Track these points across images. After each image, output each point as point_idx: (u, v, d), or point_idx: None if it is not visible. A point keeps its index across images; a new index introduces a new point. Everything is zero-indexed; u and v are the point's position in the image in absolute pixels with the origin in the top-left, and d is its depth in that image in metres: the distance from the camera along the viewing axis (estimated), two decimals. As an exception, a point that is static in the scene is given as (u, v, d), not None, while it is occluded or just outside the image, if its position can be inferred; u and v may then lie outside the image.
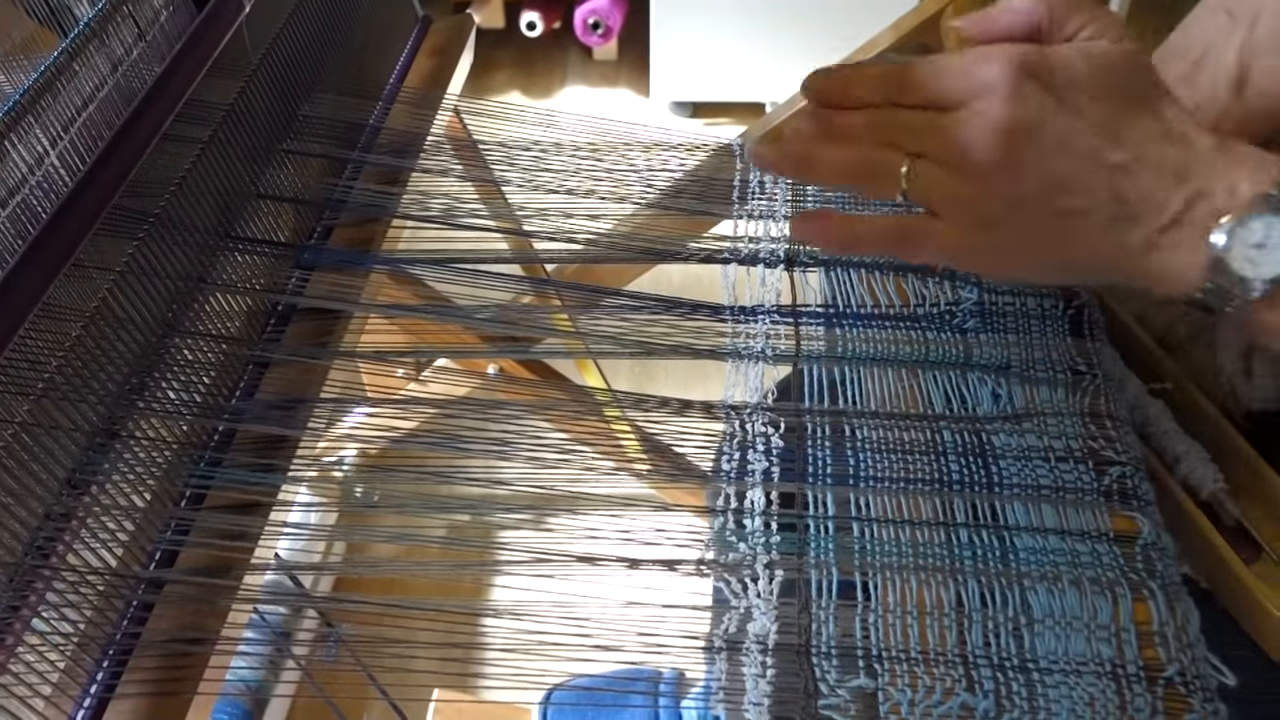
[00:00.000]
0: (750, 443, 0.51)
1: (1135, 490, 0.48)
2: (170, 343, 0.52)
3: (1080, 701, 0.41)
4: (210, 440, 0.51)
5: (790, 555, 0.46)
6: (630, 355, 0.57)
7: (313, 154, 0.65)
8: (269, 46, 0.64)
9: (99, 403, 0.48)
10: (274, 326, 0.58)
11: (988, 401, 0.52)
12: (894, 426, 0.51)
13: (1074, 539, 0.46)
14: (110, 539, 0.46)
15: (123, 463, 0.48)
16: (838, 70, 0.47)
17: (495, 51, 2.31)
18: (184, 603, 0.46)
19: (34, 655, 0.43)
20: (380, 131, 0.69)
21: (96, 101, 0.57)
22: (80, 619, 0.45)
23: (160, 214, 0.54)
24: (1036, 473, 0.49)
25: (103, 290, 0.50)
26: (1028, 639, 0.43)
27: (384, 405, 0.59)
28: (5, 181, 0.51)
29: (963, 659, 0.42)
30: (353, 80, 0.72)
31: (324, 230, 0.63)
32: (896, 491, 0.48)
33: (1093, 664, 0.42)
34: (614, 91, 2.28)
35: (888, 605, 0.44)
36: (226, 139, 0.59)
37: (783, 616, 0.44)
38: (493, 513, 0.51)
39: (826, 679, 0.42)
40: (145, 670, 0.45)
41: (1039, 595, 0.44)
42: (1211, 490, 0.54)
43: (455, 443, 0.52)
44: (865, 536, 0.47)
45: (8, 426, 0.44)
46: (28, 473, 0.44)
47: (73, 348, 0.47)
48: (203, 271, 0.56)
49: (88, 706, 0.44)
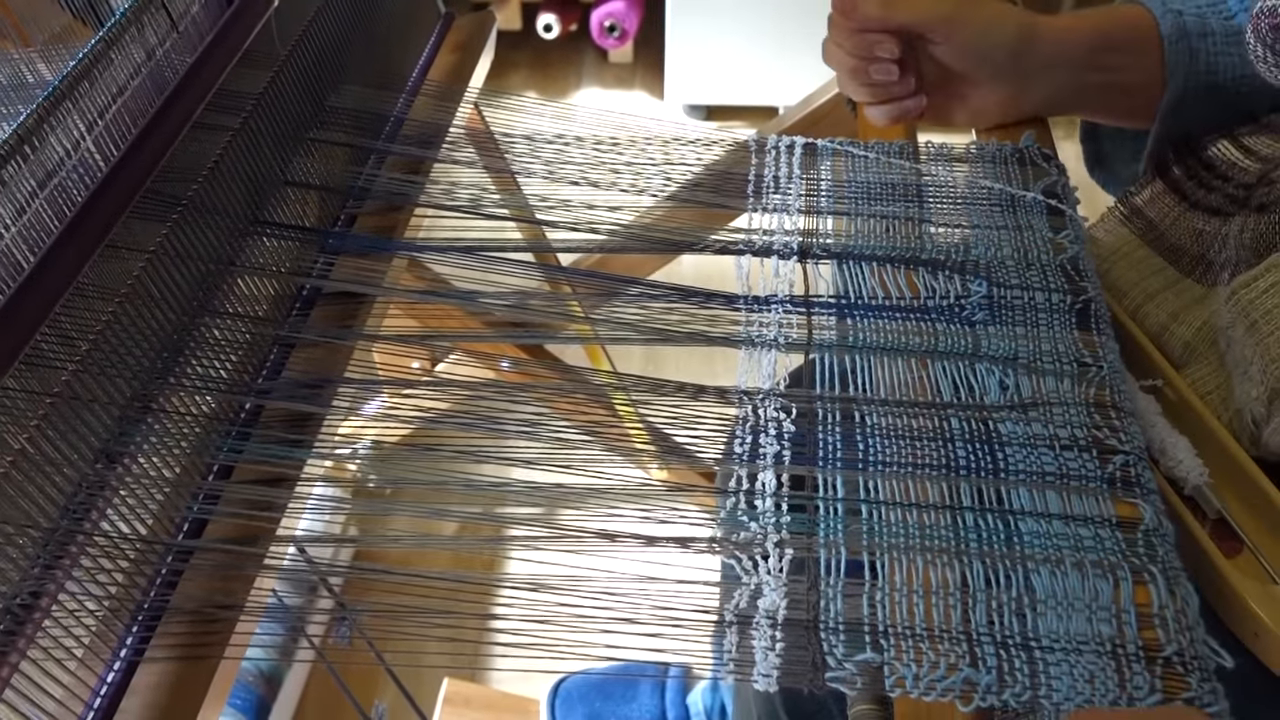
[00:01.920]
0: (763, 427, 0.52)
1: (1138, 478, 0.49)
2: (201, 322, 0.54)
3: (1080, 679, 0.42)
4: (239, 416, 0.52)
5: (800, 535, 0.47)
6: (647, 341, 0.58)
7: (338, 143, 0.66)
8: (297, 39, 0.65)
9: (134, 378, 0.49)
10: (300, 309, 0.59)
11: (995, 390, 0.53)
12: (903, 413, 0.52)
13: (1077, 524, 0.48)
14: (141, 508, 0.48)
15: (155, 435, 0.50)
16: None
17: (512, 53, 2.33)
18: (212, 570, 0.47)
19: (70, 618, 0.44)
20: (404, 123, 0.70)
21: (130, 90, 0.59)
22: (112, 584, 0.46)
23: (192, 198, 0.55)
24: (1042, 460, 0.50)
25: (136, 270, 0.52)
26: (1030, 618, 0.44)
27: (401, 391, 0.60)
28: (44, 164, 0.52)
29: (967, 636, 0.44)
30: (377, 73, 0.74)
31: (348, 217, 0.65)
32: (905, 476, 0.50)
33: (1093, 643, 0.43)
34: (629, 94, 2.29)
35: (894, 584, 0.45)
36: (256, 128, 0.60)
37: (792, 593, 0.45)
38: (511, 494, 0.53)
39: (834, 653, 0.43)
40: (173, 635, 0.46)
41: (1042, 577, 0.46)
42: (1196, 484, 0.55)
43: (473, 425, 0.53)
44: (873, 518, 0.48)
45: (46, 398, 0.45)
46: (66, 442, 0.45)
47: (109, 324, 0.49)
48: (232, 254, 0.57)
49: (117, 669, 0.46)
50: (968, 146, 0.67)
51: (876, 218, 0.63)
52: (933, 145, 0.68)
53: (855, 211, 0.63)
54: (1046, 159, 0.66)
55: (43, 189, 0.53)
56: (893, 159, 0.67)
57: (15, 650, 0.43)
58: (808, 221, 0.63)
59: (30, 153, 0.50)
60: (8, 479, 0.43)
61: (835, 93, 0.82)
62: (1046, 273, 0.59)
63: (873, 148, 0.68)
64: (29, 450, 0.44)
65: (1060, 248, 0.60)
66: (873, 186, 0.65)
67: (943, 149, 0.68)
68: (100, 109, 0.57)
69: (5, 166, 0.48)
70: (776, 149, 0.68)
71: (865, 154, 0.67)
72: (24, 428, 0.44)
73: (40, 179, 0.52)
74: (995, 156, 0.67)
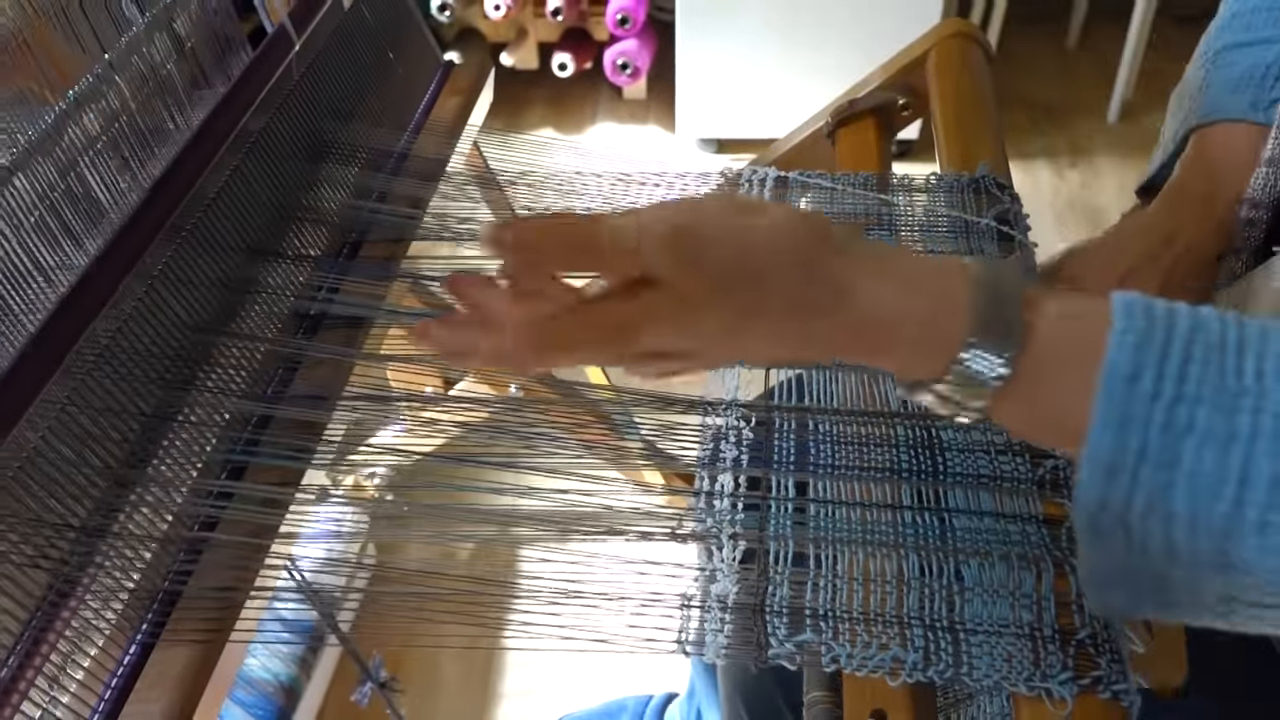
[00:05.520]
0: (724, 434, 0.57)
1: (1067, 480, 0.54)
2: (216, 340, 0.60)
3: (999, 658, 0.46)
4: (249, 423, 0.58)
5: (752, 530, 0.52)
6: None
7: (345, 180, 0.72)
8: (306, 77, 0.72)
9: (159, 388, 0.55)
10: (305, 330, 0.65)
11: (939, 401, 0.58)
12: (854, 422, 0.57)
13: (1007, 520, 0.52)
14: (161, 508, 0.54)
15: (175, 445, 0.56)
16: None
17: (529, 90, 2.41)
18: (221, 565, 0.53)
19: (98, 603, 0.50)
20: (407, 158, 0.76)
21: (165, 133, 0.65)
22: (135, 573, 0.52)
23: (197, 225, 0.61)
24: (978, 464, 0.55)
25: (156, 293, 0.58)
26: (958, 604, 0.49)
27: (416, 408, 0.65)
28: (98, 209, 0.59)
29: (898, 620, 0.48)
30: (381, 115, 0.80)
31: (353, 245, 0.71)
32: (852, 478, 0.54)
33: (1014, 626, 0.48)
34: (643, 128, 2.37)
35: (836, 573, 0.50)
36: (254, 163, 0.67)
37: (743, 580, 0.50)
38: (526, 496, 0.58)
39: (777, 634, 0.48)
40: (187, 621, 0.52)
41: (971, 568, 0.50)
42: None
43: (489, 435, 0.59)
44: (820, 515, 0.53)
45: (85, 408, 0.51)
46: (95, 444, 0.51)
47: (135, 340, 0.55)
48: (246, 279, 0.63)
49: (133, 652, 0.51)
50: (928, 177, 0.72)
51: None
52: (894, 176, 0.73)
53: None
54: (1000, 188, 0.71)
55: (94, 230, 0.59)
56: (859, 190, 0.72)
57: (53, 631, 0.48)
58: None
59: (79, 200, 0.56)
60: (46, 475, 0.48)
61: (818, 126, 0.87)
62: (994, 294, 0.64)
63: (840, 180, 0.73)
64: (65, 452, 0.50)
65: (1008, 270, 0.65)
66: (836, 216, 0.70)
67: (904, 180, 0.73)
68: (135, 149, 0.64)
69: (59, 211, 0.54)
70: (750, 181, 0.74)
71: (833, 185, 0.72)
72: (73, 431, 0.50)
73: (92, 219, 0.59)
74: (953, 186, 0.71)
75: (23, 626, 0.48)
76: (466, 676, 1.35)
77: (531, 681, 1.34)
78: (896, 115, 0.88)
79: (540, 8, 2.17)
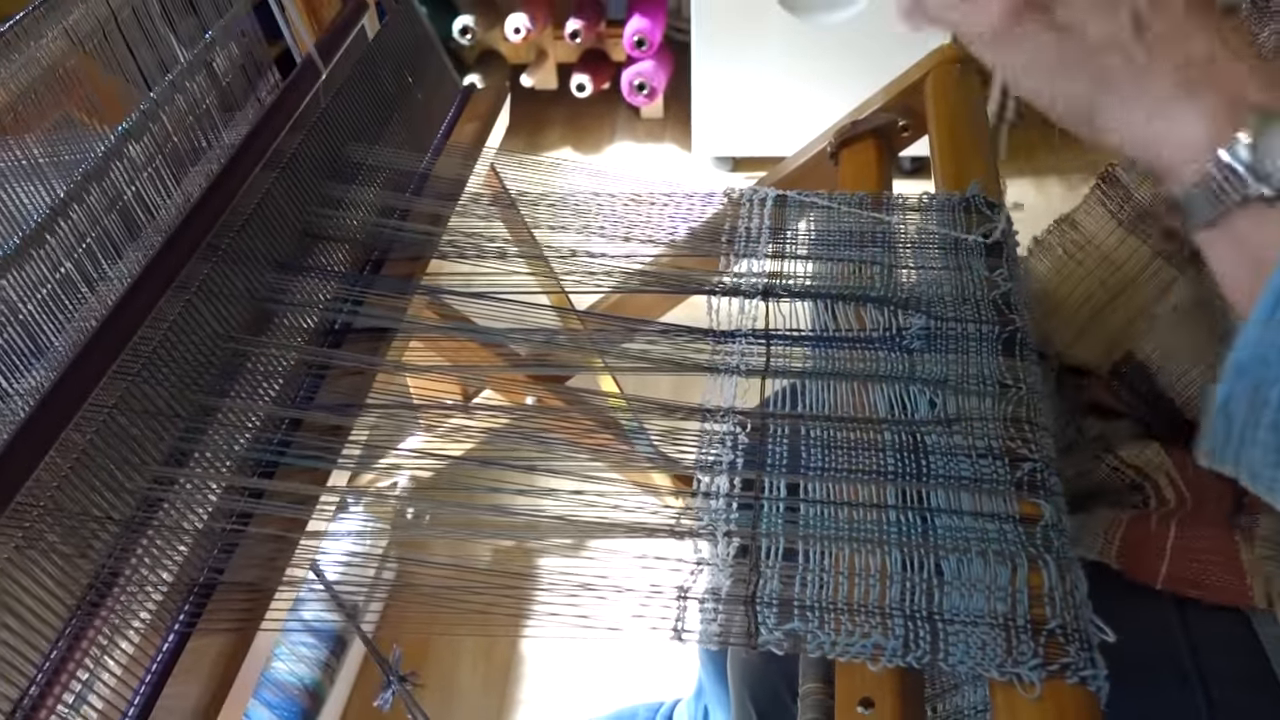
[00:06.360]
0: (721, 439, 0.61)
1: (1043, 482, 0.57)
2: (247, 349, 0.64)
3: (974, 645, 0.50)
4: (280, 426, 0.62)
5: (746, 527, 0.55)
6: (634, 370, 0.68)
7: (368, 200, 0.77)
8: (333, 104, 0.76)
9: (198, 392, 0.60)
10: (332, 341, 0.69)
11: (925, 408, 0.62)
12: (843, 428, 0.61)
13: (985, 519, 0.55)
14: (196, 504, 0.58)
15: (211, 444, 0.60)
16: None
17: (549, 110, 2.46)
18: (251, 560, 0.57)
19: (140, 594, 0.54)
20: (428, 179, 0.81)
21: (200, 155, 0.70)
22: (173, 566, 0.56)
23: (231, 243, 0.66)
24: (960, 466, 0.58)
25: (194, 306, 0.62)
26: (937, 596, 0.52)
27: (436, 418, 0.70)
28: (137, 231, 0.63)
29: (880, 611, 0.52)
30: (403, 139, 0.85)
31: (376, 262, 0.75)
32: (840, 480, 0.58)
33: (989, 617, 0.51)
34: (660, 147, 2.41)
35: (823, 568, 0.54)
36: (284, 185, 0.71)
37: (736, 574, 0.53)
38: (543, 499, 0.61)
39: (766, 623, 0.51)
40: (220, 613, 0.56)
41: (950, 563, 0.53)
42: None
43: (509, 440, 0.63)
44: (810, 514, 0.56)
45: (131, 412, 0.56)
46: (139, 446, 0.56)
47: (174, 350, 0.59)
48: (276, 293, 0.68)
49: (171, 640, 0.55)
50: (920, 196, 0.76)
51: (834, 261, 0.72)
52: (888, 195, 0.76)
53: (816, 255, 0.72)
54: (991, 206, 0.74)
55: (136, 246, 0.63)
56: (853, 209, 0.76)
57: (98, 618, 0.53)
58: (774, 265, 0.72)
59: (121, 222, 0.61)
60: (92, 472, 0.53)
61: (822, 147, 0.91)
62: (980, 307, 0.67)
63: (836, 199, 0.76)
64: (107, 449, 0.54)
65: (994, 285, 0.68)
66: (833, 234, 0.74)
67: (897, 199, 0.76)
68: (174, 170, 0.69)
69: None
70: (750, 201, 0.77)
71: (830, 204, 0.76)
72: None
73: (135, 237, 0.63)
74: (944, 205, 0.75)
75: (70, 613, 0.52)
76: (484, 684, 1.39)
77: (547, 689, 1.37)
78: (897, 136, 0.91)
79: (559, 30, 2.22)
